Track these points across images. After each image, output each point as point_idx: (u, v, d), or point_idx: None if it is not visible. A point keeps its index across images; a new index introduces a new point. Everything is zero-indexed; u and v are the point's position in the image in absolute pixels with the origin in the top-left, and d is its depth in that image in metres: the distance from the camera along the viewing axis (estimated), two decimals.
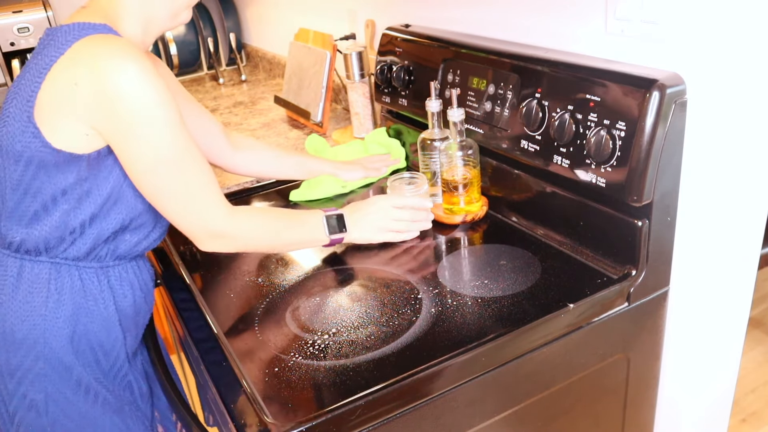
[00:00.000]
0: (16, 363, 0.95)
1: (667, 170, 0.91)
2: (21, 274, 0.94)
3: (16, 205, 0.91)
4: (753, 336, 2.13)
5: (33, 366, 0.95)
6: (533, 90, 1.04)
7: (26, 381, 0.96)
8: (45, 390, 0.96)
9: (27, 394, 0.96)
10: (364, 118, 1.62)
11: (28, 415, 0.97)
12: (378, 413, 0.80)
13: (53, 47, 0.86)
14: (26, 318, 0.94)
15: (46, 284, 0.94)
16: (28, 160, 0.88)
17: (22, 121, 0.86)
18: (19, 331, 0.94)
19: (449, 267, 1.06)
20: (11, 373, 0.96)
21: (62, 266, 0.95)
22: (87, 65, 0.83)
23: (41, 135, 0.86)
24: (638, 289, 0.98)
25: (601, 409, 1.08)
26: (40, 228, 0.92)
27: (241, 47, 2.69)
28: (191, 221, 0.93)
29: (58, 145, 0.86)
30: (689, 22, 0.86)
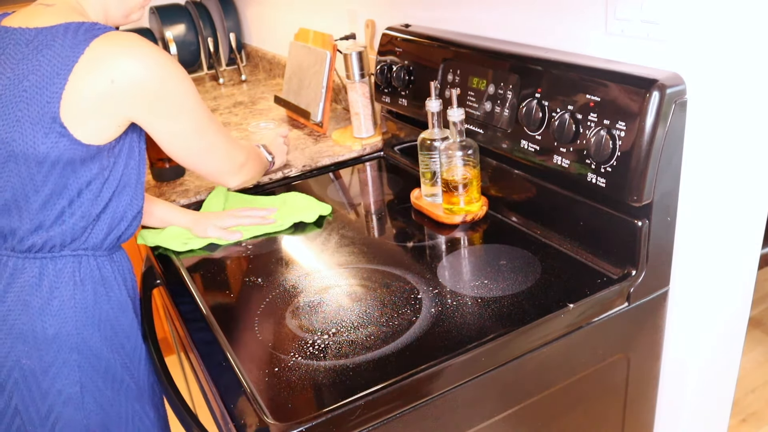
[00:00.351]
0: (49, 359, 0.96)
1: (667, 170, 0.91)
2: (43, 273, 0.95)
3: (41, 206, 0.92)
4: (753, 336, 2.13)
5: (68, 359, 0.97)
6: (533, 90, 1.04)
7: (62, 376, 0.97)
8: (80, 382, 0.98)
9: (63, 389, 0.97)
10: (364, 118, 1.62)
11: (65, 410, 0.98)
12: (378, 413, 0.80)
13: (62, 48, 0.87)
14: (57, 313, 0.95)
15: (71, 276, 0.96)
16: (55, 160, 0.89)
17: (44, 124, 0.87)
18: (51, 327, 0.95)
19: (449, 267, 1.06)
20: (45, 370, 0.96)
21: (82, 257, 0.98)
22: (120, 62, 0.88)
23: (69, 133, 0.88)
24: (638, 289, 0.98)
25: (601, 409, 1.08)
26: (65, 222, 0.94)
27: (241, 47, 2.69)
28: (228, 165, 1.11)
29: (86, 140, 0.89)
30: (689, 22, 0.86)
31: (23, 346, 0.95)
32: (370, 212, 1.32)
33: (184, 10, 2.57)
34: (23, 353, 0.95)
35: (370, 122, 1.63)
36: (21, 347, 0.95)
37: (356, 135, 1.64)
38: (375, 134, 1.63)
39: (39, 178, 0.90)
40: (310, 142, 1.69)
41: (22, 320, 0.94)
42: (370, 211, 1.33)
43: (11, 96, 0.88)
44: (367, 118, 1.62)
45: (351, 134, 1.66)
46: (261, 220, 1.25)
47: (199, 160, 1.06)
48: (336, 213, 1.31)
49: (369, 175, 1.52)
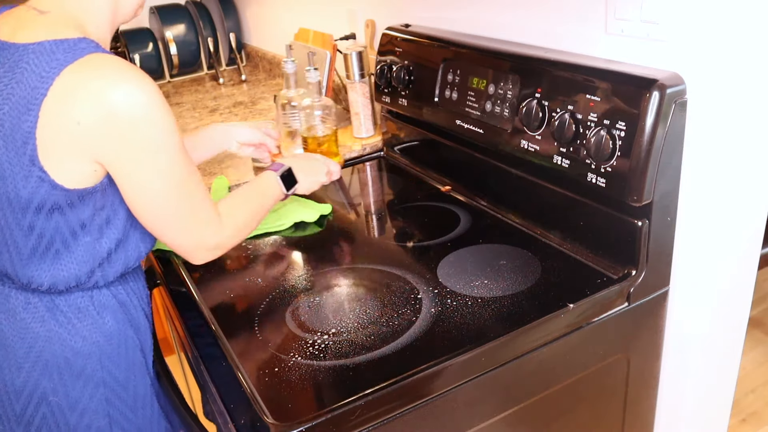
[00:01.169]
0: (76, 395, 0.92)
1: (667, 170, 0.91)
2: (56, 309, 0.90)
3: (32, 251, 0.85)
4: (753, 336, 2.13)
5: (94, 393, 0.93)
6: (533, 90, 1.04)
7: (89, 411, 0.93)
8: (108, 414, 0.94)
9: (91, 424, 0.94)
10: (364, 118, 1.62)
11: None
12: (378, 413, 0.80)
13: (35, 74, 0.77)
14: (80, 349, 0.90)
15: (87, 311, 0.91)
16: (39, 205, 0.81)
17: (22, 166, 0.78)
18: (75, 363, 0.91)
19: (449, 267, 1.06)
20: (72, 406, 0.92)
21: (94, 292, 0.92)
22: (88, 100, 0.76)
23: (49, 177, 0.79)
24: (638, 289, 0.98)
25: (601, 409, 1.08)
26: (66, 265, 0.87)
27: (241, 47, 2.69)
28: (190, 241, 0.92)
29: (69, 185, 0.80)
30: (689, 22, 0.86)
31: (49, 382, 0.91)
32: (370, 212, 1.32)
33: (184, 10, 2.57)
34: (50, 389, 0.91)
35: (370, 122, 1.63)
36: (47, 383, 0.91)
37: (356, 135, 1.64)
38: (375, 134, 1.63)
39: (25, 223, 0.83)
40: None
41: (46, 356, 0.90)
42: (370, 211, 1.33)
43: None
44: (367, 118, 1.62)
45: (351, 134, 1.66)
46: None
47: (159, 225, 0.88)
48: (336, 213, 1.31)
49: (369, 175, 1.52)
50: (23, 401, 0.91)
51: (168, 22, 2.51)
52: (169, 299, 1.15)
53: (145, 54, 2.48)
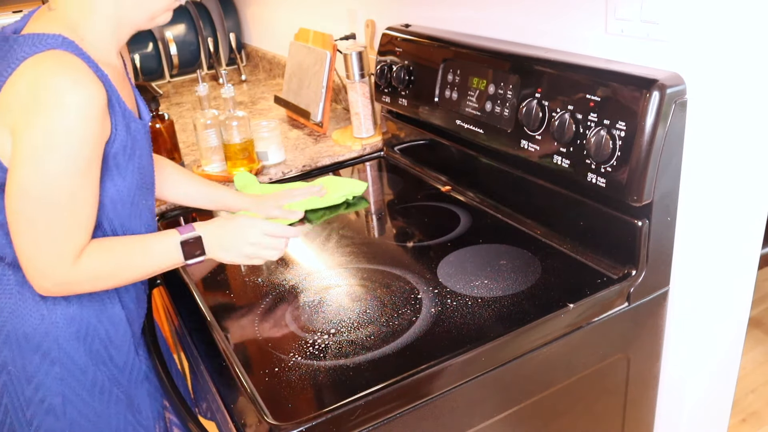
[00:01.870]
0: (32, 369, 0.95)
1: (667, 170, 0.91)
2: (24, 284, 0.93)
3: (3, 221, 0.89)
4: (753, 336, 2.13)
5: (50, 371, 0.95)
6: (533, 90, 1.04)
7: (44, 386, 0.96)
8: (62, 393, 0.97)
9: (45, 398, 0.96)
10: (364, 118, 1.62)
11: (47, 419, 0.97)
12: (378, 413, 0.80)
13: (5, 62, 0.82)
14: (38, 326, 0.94)
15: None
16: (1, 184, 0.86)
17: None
18: (33, 338, 0.94)
19: (449, 267, 1.06)
20: (28, 379, 0.95)
21: None
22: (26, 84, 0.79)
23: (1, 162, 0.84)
24: (638, 289, 0.98)
25: (601, 409, 1.08)
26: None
27: (241, 47, 2.69)
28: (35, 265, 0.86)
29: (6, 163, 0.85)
30: (689, 22, 0.86)
31: (9, 352, 0.94)
32: (370, 212, 1.32)
33: (184, 10, 2.57)
34: (9, 359, 0.95)
35: (370, 122, 1.63)
36: (8, 353, 0.94)
37: (356, 135, 1.64)
38: (375, 134, 1.63)
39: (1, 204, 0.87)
40: (310, 142, 1.69)
41: (8, 327, 0.93)
42: (370, 211, 1.33)
43: None
44: (367, 118, 1.62)
45: (351, 134, 1.66)
46: (314, 193, 1.32)
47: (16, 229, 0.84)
48: (336, 213, 1.31)
49: (369, 175, 1.52)
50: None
51: (168, 22, 2.51)
52: (169, 299, 1.15)
53: (145, 54, 2.48)
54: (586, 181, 0.96)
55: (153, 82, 2.53)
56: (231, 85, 1.48)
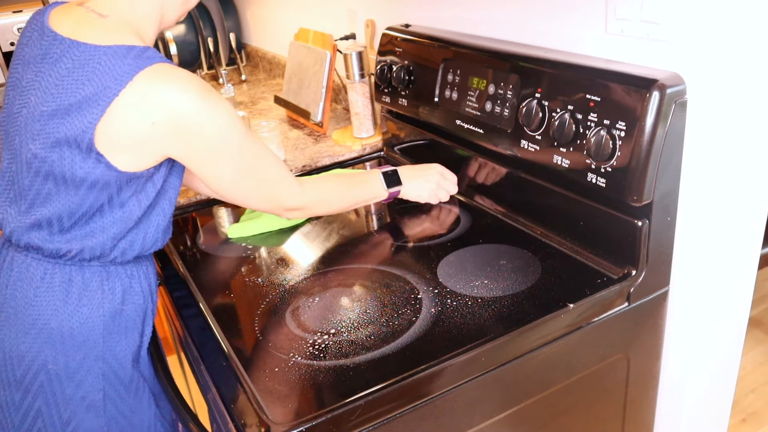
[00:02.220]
0: (75, 366, 0.96)
1: (667, 170, 0.91)
2: (71, 281, 0.94)
3: (75, 223, 0.92)
4: (753, 336, 2.13)
5: (93, 366, 0.97)
6: (533, 90, 1.04)
7: (86, 383, 0.97)
8: (103, 389, 0.98)
9: (86, 395, 0.97)
10: (364, 118, 1.62)
11: (87, 416, 0.98)
12: (378, 413, 0.80)
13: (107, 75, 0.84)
14: (85, 321, 0.95)
15: (99, 285, 0.96)
16: (91, 184, 0.88)
17: (81, 149, 0.86)
18: (80, 334, 0.95)
19: (449, 267, 1.06)
20: (70, 376, 0.96)
21: (110, 268, 0.97)
22: (161, 104, 0.85)
23: (106, 160, 0.87)
24: (638, 289, 0.98)
25: (601, 409, 1.08)
26: (96, 239, 0.93)
27: (241, 47, 2.69)
28: (271, 205, 1.05)
29: (123, 168, 0.88)
30: (689, 22, 0.86)
31: (51, 351, 0.94)
32: (370, 212, 1.32)
33: None
34: (50, 358, 0.95)
35: (370, 122, 1.63)
36: (49, 352, 0.94)
37: (356, 135, 1.64)
38: (375, 134, 1.63)
39: (76, 199, 0.89)
40: (310, 142, 1.69)
41: (51, 325, 0.94)
42: (370, 211, 1.33)
43: (53, 113, 0.86)
44: (367, 118, 1.62)
45: (351, 134, 1.66)
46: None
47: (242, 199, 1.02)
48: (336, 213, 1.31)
49: None
50: (24, 367, 0.95)
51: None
52: (169, 299, 1.15)
53: None
54: (586, 181, 0.96)
55: None
56: (231, 85, 1.48)
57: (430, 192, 1.26)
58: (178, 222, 1.35)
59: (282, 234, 1.24)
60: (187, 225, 1.34)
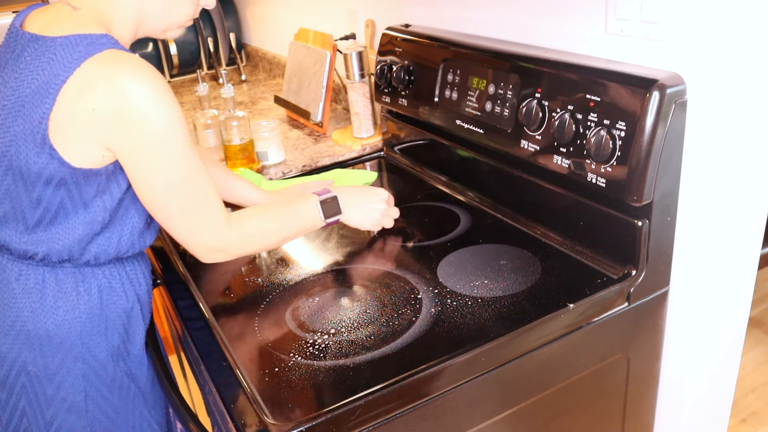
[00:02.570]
0: (54, 367, 0.95)
1: (667, 170, 0.91)
2: (45, 281, 0.94)
3: (37, 222, 0.90)
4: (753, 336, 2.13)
5: (72, 368, 0.96)
6: (533, 90, 1.04)
7: (66, 384, 0.96)
8: (84, 390, 0.97)
9: (67, 396, 0.97)
10: (364, 118, 1.62)
11: (69, 417, 0.98)
12: (378, 413, 0.80)
13: (58, 63, 0.83)
14: (61, 322, 0.94)
15: (74, 287, 0.95)
16: (47, 179, 0.87)
17: (36, 143, 0.84)
18: (56, 336, 0.94)
19: (449, 267, 1.06)
20: (50, 378, 0.96)
21: (86, 270, 0.96)
22: (104, 89, 0.82)
23: (59, 155, 0.85)
24: (638, 289, 0.98)
25: (601, 409, 1.08)
26: (63, 239, 0.91)
27: (241, 47, 2.69)
28: (193, 238, 0.94)
29: (77, 164, 0.86)
30: (689, 22, 0.86)
31: (29, 352, 0.94)
32: None
33: None
34: (29, 359, 0.95)
35: (370, 122, 1.63)
36: (27, 353, 0.94)
37: (356, 135, 1.64)
38: (375, 134, 1.63)
39: (34, 195, 0.88)
40: (310, 142, 1.69)
41: (29, 327, 0.94)
42: None
43: (12, 106, 0.86)
44: (367, 118, 1.62)
45: (351, 134, 1.66)
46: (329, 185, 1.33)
47: (164, 219, 0.92)
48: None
49: None
50: (6, 368, 0.95)
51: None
52: (169, 299, 1.15)
53: (145, 54, 2.48)
54: (586, 181, 0.96)
55: None
56: (231, 85, 1.48)
57: (373, 222, 1.12)
58: None
59: None
60: None
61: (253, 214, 1.01)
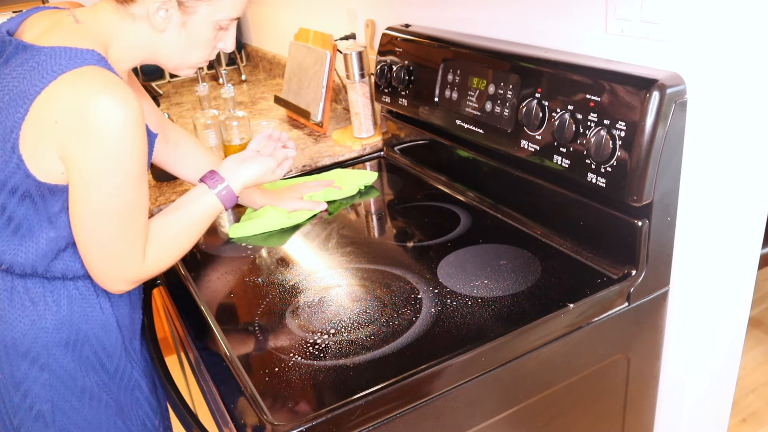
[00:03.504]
0: (20, 376, 0.94)
1: (667, 170, 0.91)
2: (14, 290, 0.92)
3: (1, 228, 0.89)
4: (753, 336, 2.13)
5: (38, 377, 0.95)
6: (533, 90, 1.04)
7: (32, 393, 0.95)
8: (51, 400, 0.96)
9: (33, 405, 0.96)
10: (364, 118, 1.62)
11: (35, 426, 0.97)
12: (378, 413, 0.80)
13: (38, 73, 0.81)
14: (27, 332, 0.93)
15: (41, 297, 0.93)
16: (12, 189, 0.85)
17: (5, 151, 0.83)
18: (22, 345, 0.93)
19: (449, 267, 1.06)
20: (16, 386, 0.95)
21: (54, 282, 0.94)
22: (70, 103, 0.80)
23: (25, 166, 0.83)
24: (638, 289, 0.98)
25: (601, 409, 1.08)
26: (26, 253, 0.90)
27: (241, 47, 2.69)
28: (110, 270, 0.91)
29: (41, 178, 0.84)
30: (689, 22, 0.86)
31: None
32: (370, 212, 1.32)
33: None
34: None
35: (370, 122, 1.63)
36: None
37: (356, 135, 1.64)
38: (375, 134, 1.63)
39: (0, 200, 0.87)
40: (310, 142, 1.69)
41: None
42: (370, 211, 1.33)
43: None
44: (367, 118, 1.62)
45: (351, 134, 1.66)
46: (329, 185, 1.34)
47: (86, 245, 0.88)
48: (336, 213, 1.31)
49: None
50: None
51: None
52: (169, 299, 1.15)
53: None
54: (586, 181, 0.96)
55: (153, 82, 2.52)
56: (231, 85, 1.49)
57: (266, 168, 1.08)
58: None
59: (282, 234, 1.24)
60: None
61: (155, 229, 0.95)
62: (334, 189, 1.36)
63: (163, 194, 1.43)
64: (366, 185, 1.41)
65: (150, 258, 0.93)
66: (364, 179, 1.41)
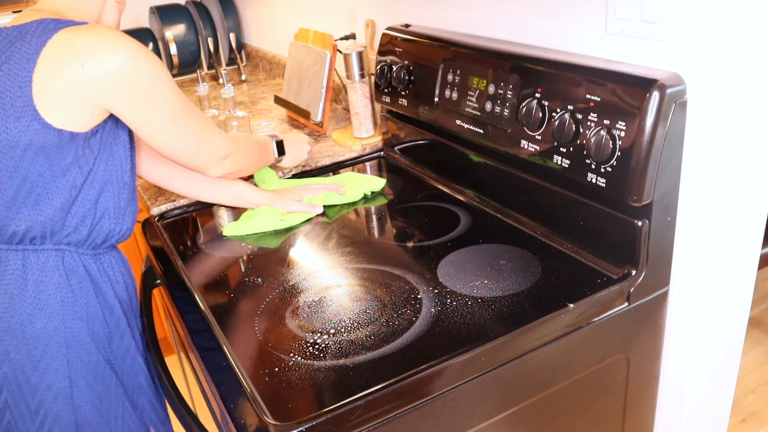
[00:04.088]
0: (38, 354, 0.95)
1: (667, 170, 0.91)
2: (26, 266, 0.94)
3: (15, 192, 0.91)
4: (753, 336, 2.13)
5: (56, 353, 0.96)
6: (533, 90, 1.04)
7: (51, 370, 0.96)
8: (69, 376, 0.98)
9: (52, 384, 0.97)
10: (364, 118, 1.62)
11: (55, 405, 0.98)
12: (378, 413, 0.80)
13: (30, 38, 0.87)
14: (44, 307, 0.95)
15: (55, 269, 0.96)
16: (26, 144, 0.88)
17: (16, 108, 0.86)
18: (39, 321, 0.95)
19: (449, 267, 1.06)
20: (34, 365, 0.96)
21: (65, 252, 0.97)
22: (92, 48, 0.86)
23: (41, 117, 0.86)
24: (638, 289, 0.98)
25: (601, 409, 1.08)
26: (44, 212, 0.92)
27: (241, 47, 2.69)
28: (206, 156, 1.07)
29: (58, 125, 0.87)
30: (689, 22, 0.86)
31: (12, 339, 0.94)
32: (370, 212, 1.32)
33: (184, 10, 2.57)
34: (12, 347, 0.95)
35: (370, 122, 1.63)
36: (10, 341, 0.94)
37: (356, 135, 1.64)
38: (375, 134, 1.63)
39: (11, 163, 0.89)
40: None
41: (10, 314, 0.94)
42: (370, 211, 1.33)
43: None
44: (367, 118, 1.62)
45: (351, 134, 1.66)
46: (333, 190, 1.36)
47: (176, 149, 1.03)
48: (336, 213, 1.31)
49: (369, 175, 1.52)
50: None
51: (168, 22, 2.51)
52: (169, 299, 1.15)
53: None
54: (586, 181, 0.96)
55: None
56: (231, 85, 1.49)
57: (299, 159, 1.45)
58: (179, 222, 1.35)
59: (282, 234, 1.24)
60: (188, 225, 1.34)
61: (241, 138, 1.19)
62: (335, 193, 1.35)
63: (163, 194, 1.43)
64: (373, 191, 1.39)
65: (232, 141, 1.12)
66: (371, 185, 1.39)
